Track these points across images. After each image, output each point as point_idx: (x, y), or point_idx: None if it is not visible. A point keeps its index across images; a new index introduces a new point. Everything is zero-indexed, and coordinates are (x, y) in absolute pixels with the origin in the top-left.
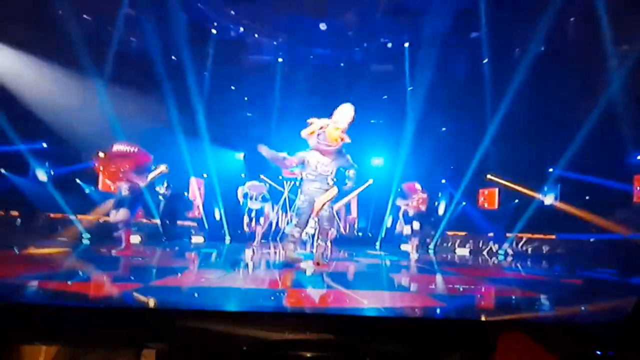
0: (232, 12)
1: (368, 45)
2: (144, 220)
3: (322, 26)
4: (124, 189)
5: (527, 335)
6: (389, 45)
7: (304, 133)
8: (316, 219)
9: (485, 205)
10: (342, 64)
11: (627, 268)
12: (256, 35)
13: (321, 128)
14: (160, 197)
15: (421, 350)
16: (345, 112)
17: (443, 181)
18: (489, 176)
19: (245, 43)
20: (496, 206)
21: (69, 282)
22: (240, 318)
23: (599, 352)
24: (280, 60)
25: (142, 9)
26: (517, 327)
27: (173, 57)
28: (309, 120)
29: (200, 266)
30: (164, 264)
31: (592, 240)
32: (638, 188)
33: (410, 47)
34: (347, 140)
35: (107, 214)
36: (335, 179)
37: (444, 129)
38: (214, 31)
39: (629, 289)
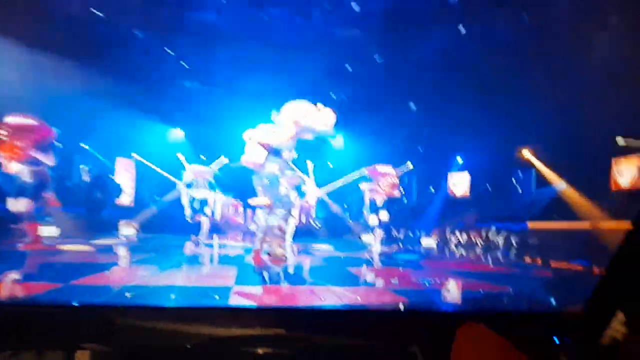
0: None
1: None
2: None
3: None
4: (24, 172)
5: (487, 325)
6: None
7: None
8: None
9: (455, 192)
10: (299, 26)
11: (599, 258)
12: None
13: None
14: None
15: (380, 343)
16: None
17: (410, 165)
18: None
19: None
20: (468, 193)
21: None
22: (183, 314)
23: (555, 339)
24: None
25: None
26: (478, 319)
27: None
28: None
29: (133, 262)
30: (88, 259)
31: (565, 229)
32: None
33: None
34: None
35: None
36: None
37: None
38: None
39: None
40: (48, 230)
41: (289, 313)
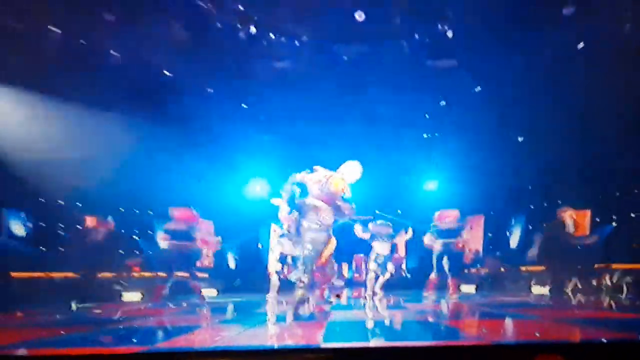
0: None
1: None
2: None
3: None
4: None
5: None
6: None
7: (308, 178)
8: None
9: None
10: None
11: None
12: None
13: (326, 177)
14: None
15: None
16: (353, 168)
17: None
18: None
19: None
20: (587, 232)
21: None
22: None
23: None
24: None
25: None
26: (555, 350)
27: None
28: (315, 168)
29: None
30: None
31: None
32: None
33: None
34: (348, 194)
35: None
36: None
37: (521, 138)
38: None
39: None
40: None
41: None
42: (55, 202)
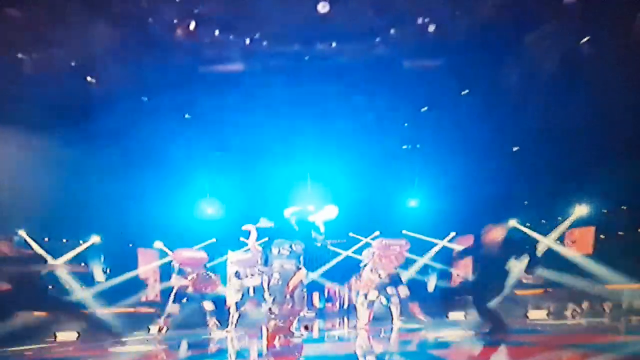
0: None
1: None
2: None
3: (322, 7)
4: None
5: None
6: (430, 28)
7: (289, 212)
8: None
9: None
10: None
11: None
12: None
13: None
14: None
15: None
16: (331, 211)
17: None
18: None
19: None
20: (591, 251)
21: None
22: None
23: None
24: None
25: None
26: None
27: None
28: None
29: None
30: None
31: None
32: None
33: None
34: (321, 230)
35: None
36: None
37: (516, 148)
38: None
39: None
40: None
41: None
42: None
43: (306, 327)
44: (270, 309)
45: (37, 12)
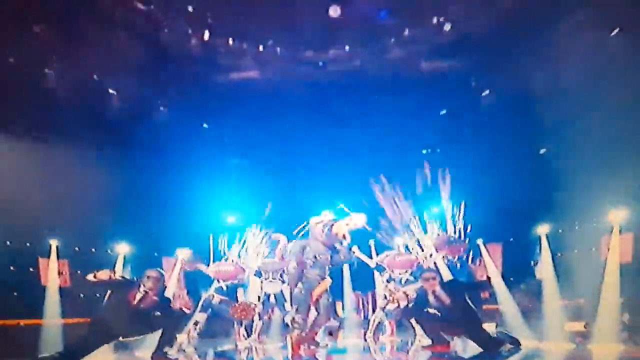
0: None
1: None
2: None
3: (334, 11)
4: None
5: None
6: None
7: (314, 221)
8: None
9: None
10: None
11: None
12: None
13: (330, 221)
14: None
15: None
16: (360, 218)
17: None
18: None
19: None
20: (630, 259)
21: None
22: None
23: None
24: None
25: None
26: None
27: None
28: (324, 212)
29: None
30: None
31: None
32: None
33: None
34: (348, 240)
35: None
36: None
37: (543, 150)
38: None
39: None
40: None
41: None
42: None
43: (330, 333)
44: (293, 318)
45: (61, 29)
